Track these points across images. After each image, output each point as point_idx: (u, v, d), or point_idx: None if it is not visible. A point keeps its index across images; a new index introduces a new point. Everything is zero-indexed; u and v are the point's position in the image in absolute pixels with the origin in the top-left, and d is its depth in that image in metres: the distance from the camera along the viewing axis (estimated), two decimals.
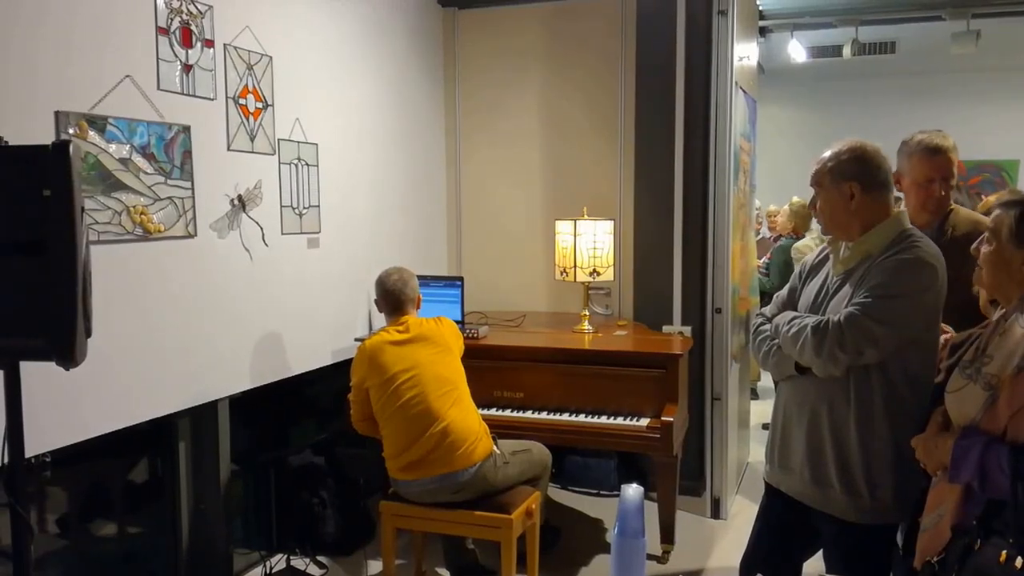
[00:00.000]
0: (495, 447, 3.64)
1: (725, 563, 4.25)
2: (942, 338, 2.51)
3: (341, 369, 4.43)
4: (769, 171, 5.11)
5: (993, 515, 1.92)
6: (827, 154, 2.63)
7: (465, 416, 3.60)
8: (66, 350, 2.08)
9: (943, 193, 3.00)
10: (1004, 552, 1.81)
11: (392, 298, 3.79)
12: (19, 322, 2.07)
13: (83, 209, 2.10)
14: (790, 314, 2.68)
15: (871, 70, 9.68)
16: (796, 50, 8.20)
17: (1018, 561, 1.67)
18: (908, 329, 2.45)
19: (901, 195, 3.09)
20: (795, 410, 2.67)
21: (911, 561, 2.22)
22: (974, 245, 2.23)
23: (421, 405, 3.54)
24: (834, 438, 2.55)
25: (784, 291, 2.88)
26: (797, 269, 2.90)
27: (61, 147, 2.05)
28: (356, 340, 4.46)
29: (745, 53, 5.14)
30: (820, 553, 2.72)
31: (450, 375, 3.64)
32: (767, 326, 2.78)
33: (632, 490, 1.96)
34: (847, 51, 8.06)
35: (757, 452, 5.85)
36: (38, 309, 2.06)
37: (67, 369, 2.12)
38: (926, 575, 2.08)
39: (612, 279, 4.81)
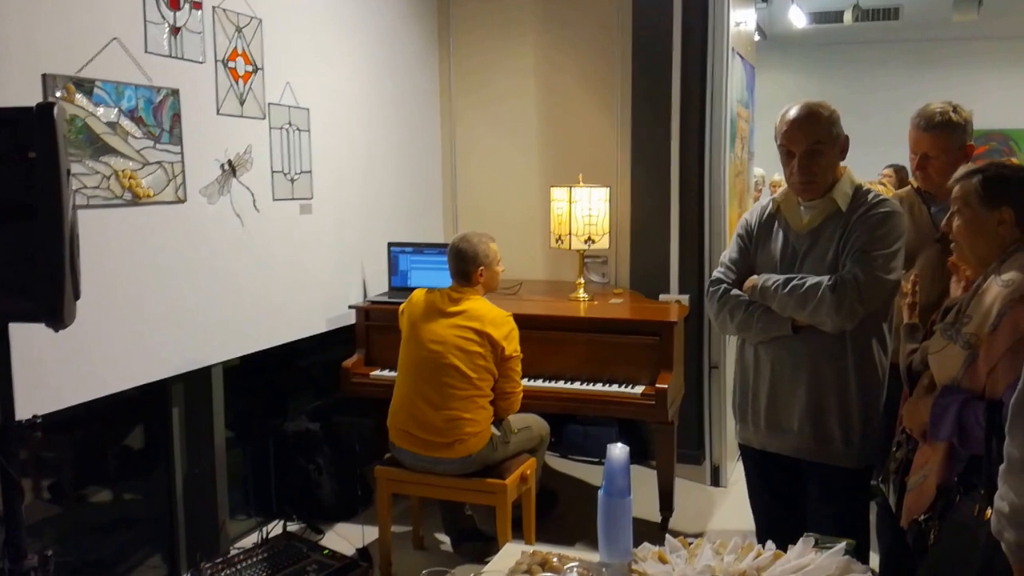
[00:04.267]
0: (495, 430, 3.61)
1: (724, 527, 4.25)
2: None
3: (336, 337, 4.43)
4: (768, 138, 5.05)
5: (973, 471, 1.97)
6: (824, 113, 2.67)
7: (473, 410, 3.52)
8: (55, 311, 2.09)
9: (932, 167, 2.91)
10: (977, 505, 1.84)
11: (452, 261, 3.72)
12: (7, 284, 2.08)
13: (69, 171, 2.11)
14: (776, 276, 2.70)
15: (873, 37, 9.56)
16: (797, 16, 8.11)
17: (988, 512, 1.69)
18: (898, 277, 2.63)
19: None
20: (788, 371, 2.72)
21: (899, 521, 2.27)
22: (943, 223, 2.28)
23: (432, 384, 3.52)
24: (837, 391, 2.65)
25: (734, 254, 2.88)
26: (740, 232, 2.89)
27: (45, 108, 2.05)
28: (350, 307, 4.44)
29: (742, 19, 5.08)
30: None
31: (469, 369, 3.51)
32: (737, 291, 2.79)
33: (618, 450, 1.96)
34: (848, 17, 7.97)
35: None
36: (26, 271, 2.06)
37: (56, 330, 2.13)
38: (913, 533, 2.15)
39: (608, 247, 4.78)
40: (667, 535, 2.09)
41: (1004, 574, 1.66)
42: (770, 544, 2.00)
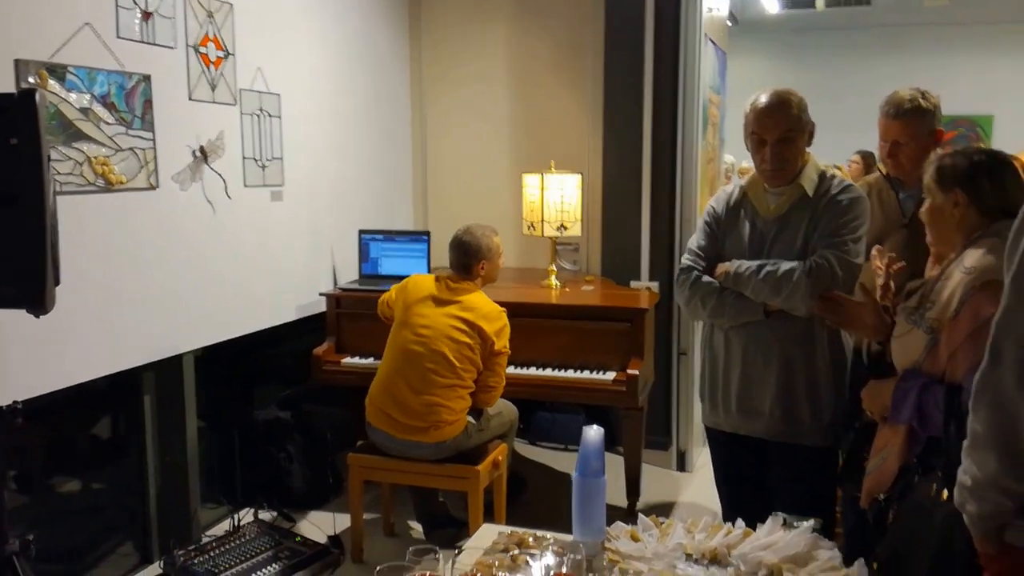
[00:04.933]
0: (471, 419, 3.64)
1: (690, 512, 4.30)
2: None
3: (306, 325, 4.43)
4: (740, 125, 5.08)
5: (931, 453, 2.03)
6: (793, 99, 2.72)
7: (452, 399, 3.55)
8: (37, 298, 2.12)
9: (902, 154, 2.92)
10: (934, 485, 1.90)
11: (453, 252, 3.73)
12: None
13: (49, 158, 2.14)
14: (750, 263, 2.74)
15: (845, 22, 9.63)
16: (769, 2, 8.16)
17: (944, 493, 1.74)
18: (863, 260, 2.68)
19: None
20: (759, 355, 2.77)
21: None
22: (921, 210, 2.34)
23: (416, 368, 3.54)
24: (806, 372, 2.70)
25: (702, 241, 2.91)
26: (707, 219, 2.94)
27: (28, 95, 2.07)
28: (320, 295, 4.44)
29: (715, 4, 5.12)
30: None
31: (456, 358, 3.53)
32: (708, 278, 2.82)
33: (593, 431, 2.00)
34: (820, 2, 8.03)
35: None
36: (8, 257, 2.09)
37: (37, 316, 2.16)
38: (873, 512, 2.20)
39: (580, 234, 4.81)
40: (639, 514, 2.13)
41: (960, 552, 1.72)
42: (740, 523, 2.04)
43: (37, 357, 2.93)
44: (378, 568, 1.62)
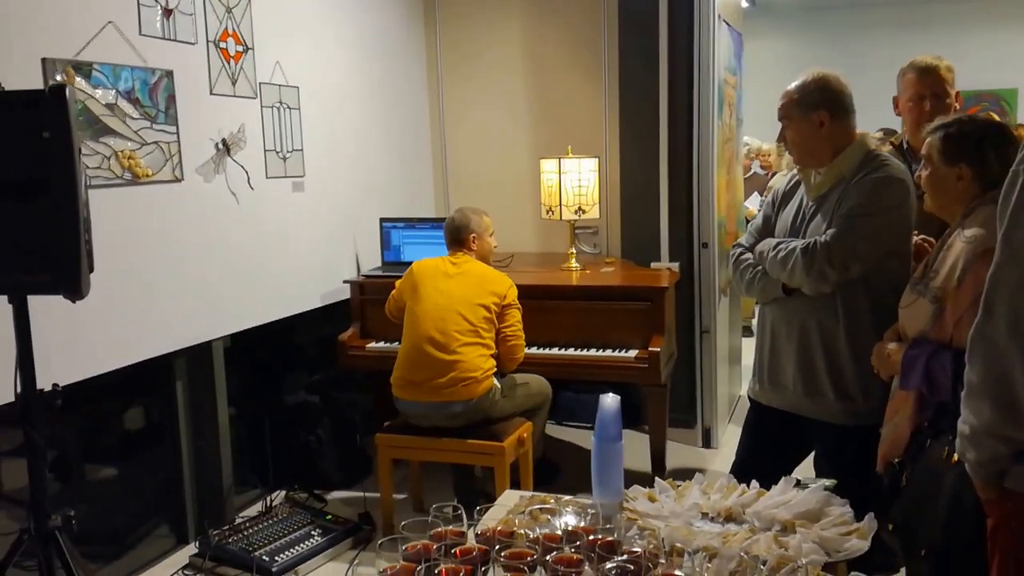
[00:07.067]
0: (496, 382, 3.77)
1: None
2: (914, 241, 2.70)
3: (331, 312, 4.51)
4: (761, 106, 5.10)
5: (941, 417, 2.08)
6: (792, 87, 2.77)
7: (474, 357, 3.69)
8: (72, 283, 2.22)
9: (933, 109, 2.97)
10: (945, 448, 1.95)
11: (447, 232, 4.01)
12: (26, 259, 2.22)
13: (80, 150, 2.23)
14: (773, 241, 2.80)
15: (863, 0, 9.62)
16: None
17: (955, 456, 1.79)
18: (887, 243, 2.62)
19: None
20: (784, 329, 2.81)
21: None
22: (916, 173, 2.37)
23: (438, 328, 3.69)
24: (825, 350, 2.70)
25: (758, 219, 3.01)
26: (769, 198, 3.01)
27: (58, 90, 2.18)
28: (344, 282, 4.52)
29: None
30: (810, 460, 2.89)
31: (474, 319, 3.72)
32: (748, 255, 2.91)
33: (609, 399, 2.06)
34: None
35: None
36: (43, 246, 2.20)
37: (73, 302, 2.26)
38: (888, 476, 2.26)
39: (599, 217, 4.86)
40: (656, 478, 2.19)
41: (970, 509, 1.78)
42: (754, 483, 2.09)
43: (73, 345, 3.03)
44: (403, 523, 1.69)
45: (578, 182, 4.65)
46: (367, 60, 4.83)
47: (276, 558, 3.47)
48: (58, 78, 2.94)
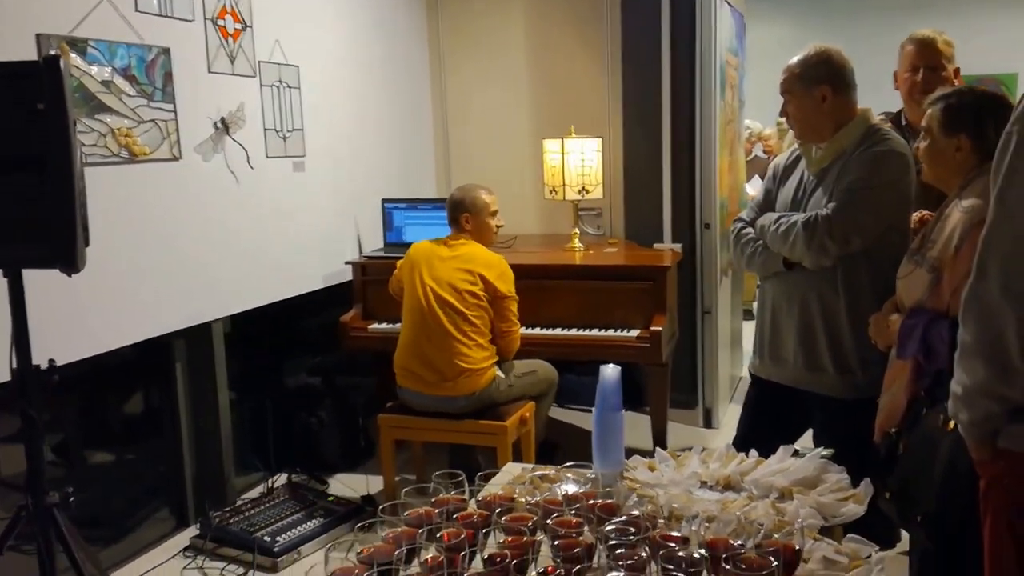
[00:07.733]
0: (499, 372, 3.74)
1: None
2: (915, 216, 2.68)
3: (333, 293, 4.49)
4: (763, 89, 5.08)
5: (938, 386, 2.07)
6: (794, 61, 2.77)
7: (471, 347, 3.65)
8: (68, 256, 2.19)
9: (926, 81, 2.96)
10: (941, 416, 1.95)
11: (447, 210, 3.91)
12: (21, 231, 2.19)
13: (75, 122, 2.21)
14: (774, 215, 2.80)
15: None
16: None
17: (951, 424, 1.79)
18: (888, 216, 2.63)
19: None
20: (784, 304, 2.82)
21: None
22: (915, 144, 2.36)
23: (431, 320, 3.64)
24: (825, 324, 2.70)
25: (759, 195, 3.01)
26: (769, 172, 3.00)
27: (52, 61, 2.15)
28: (346, 263, 4.50)
29: None
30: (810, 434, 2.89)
31: (465, 307, 3.65)
32: (749, 229, 2.91)
33: (610, 369, 2.06)
34: None
35: None
36: (39, 218, 2.18)
37: (69, 275, 2.24)
38: (885, 445, 2.26)
39: (602, 197, 4.84)
40: (656, 448, 2.17)
41: (965, 473, 1.76)
42: (753, 452, 2.08)
43: (70, 325, 3.01)
44: (404, 490, 1.68)
45: (581, 162, 4.63)
46: (368, 38, 4.80)
47: (278, 539, 3.46)
48: (52, 54, 2.90)
